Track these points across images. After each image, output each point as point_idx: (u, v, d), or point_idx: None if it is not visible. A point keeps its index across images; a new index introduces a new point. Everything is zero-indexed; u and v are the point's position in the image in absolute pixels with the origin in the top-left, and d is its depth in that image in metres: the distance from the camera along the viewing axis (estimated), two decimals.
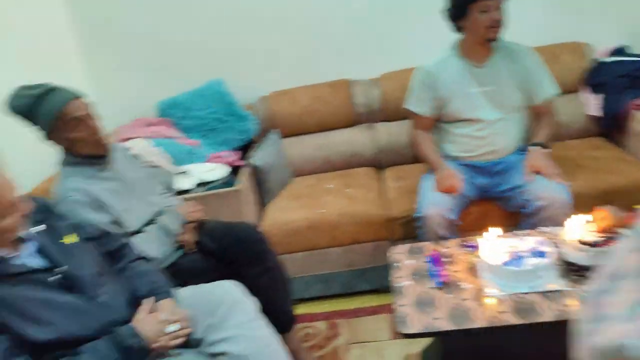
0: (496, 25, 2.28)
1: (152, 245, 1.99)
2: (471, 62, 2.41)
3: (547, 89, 2.44)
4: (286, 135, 3.10)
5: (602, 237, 1.80)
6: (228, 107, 2.95)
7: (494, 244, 1.94)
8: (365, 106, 3.09)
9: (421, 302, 1.83)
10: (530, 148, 2.41)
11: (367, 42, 3.16)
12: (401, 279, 1.98)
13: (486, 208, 2.51)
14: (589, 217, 1.91)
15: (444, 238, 2.34)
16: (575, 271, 1.81)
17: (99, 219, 1.90)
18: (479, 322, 1.69)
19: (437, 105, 2.48)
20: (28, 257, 1.48)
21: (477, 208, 2.50)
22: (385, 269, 2.68)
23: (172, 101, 2.99)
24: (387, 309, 2.61)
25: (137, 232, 2.04)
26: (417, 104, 2.52)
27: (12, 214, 1.38)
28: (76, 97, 1.90)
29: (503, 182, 2.45)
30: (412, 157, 3.03)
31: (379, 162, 3.11)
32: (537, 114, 2.50)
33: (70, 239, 1.59)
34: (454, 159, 2.54)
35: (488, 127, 2.44)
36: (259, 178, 2.77)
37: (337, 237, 2.63)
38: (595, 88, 2.91)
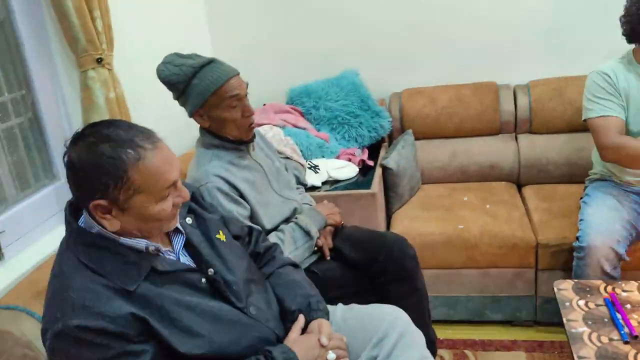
0: None
1: (287, 247, 1.78)
2: None
3: None
4: (418, 137, 2.82)
5: None
6: (362, 101, 2.70)
7: None
8: (512, 114, 2.76)
9: (606, 357, 1.52)
10: None
11: (516, 45, 2.82)
12: (575, 323, 1.67)
13: None
14: None
15: (609, 276, 2.02)
16: None
17: (238, 212, 1.70)
18: None
19: (622, 105, 2.11)
20: (179, 254, 1.29)
21: None
22: (524, 300, 2.38)
23: (304, 89, 2.77)
24: (524, 345, 2.30)
25: (272, 230, 1.84)
26: (602, 106, 2.12)
27: (171, 196, 1.18)
28: (237, 73, 1.72)
29: None
30: (558, 175, 2.69)
31: (519, 178, 2.77)
32: None
33: (220, 236, 1.39)
34: (619, 184, 2.20)
35: None
36: (390, 181, 2.51)
37: (475, 257, 2.34)
38: None
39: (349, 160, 2.55)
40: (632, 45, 2.13)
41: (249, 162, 1.84)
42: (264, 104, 2.79)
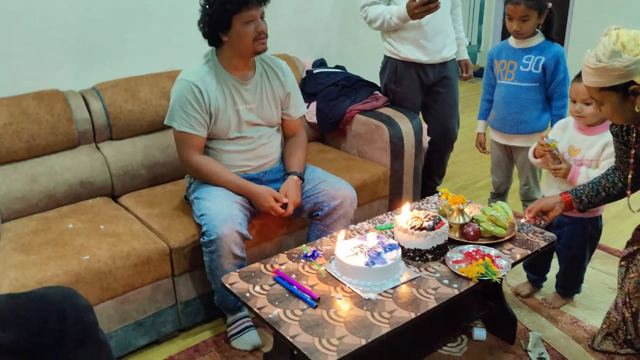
0: (263, 36, 2.18)
1: None
2: (235, 77, 2.25)
3: (301, 107, 2.49)
4: None
5: (430, 221, 1.95)
6: None
7: (344, 247, 1.86)
8: (89, 122, 2.46)
9: (310, 326, 1.60)
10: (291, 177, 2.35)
11: (67, 48, 2.54)
12: (266, 309, 1.68)
13: (266, 218, 2.36)
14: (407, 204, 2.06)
15: (240, 258, 2.14)
16: (419, 256, 1.90)
17: None
18: (386, 328, 1.59)
19: (207, 122, 2.23)
20: None
21: (258, 221, 2.34)
22: (166, 312, 2.25)
23: None
24: (182, 357, 2.16)
25: None
26: (188, 122, 2.19)
27: None
28: None
29: None
30: (151, 178, 2.60)
31: (113, 190, 2.52)
32: (289, 131, 2.50)
33: None
34: None
35: (256, 140, 2.34)
36: None
37: (111, 286, 2.02)
38: (309, 97, 3.10)
39: None
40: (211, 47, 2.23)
41: None
42: None
